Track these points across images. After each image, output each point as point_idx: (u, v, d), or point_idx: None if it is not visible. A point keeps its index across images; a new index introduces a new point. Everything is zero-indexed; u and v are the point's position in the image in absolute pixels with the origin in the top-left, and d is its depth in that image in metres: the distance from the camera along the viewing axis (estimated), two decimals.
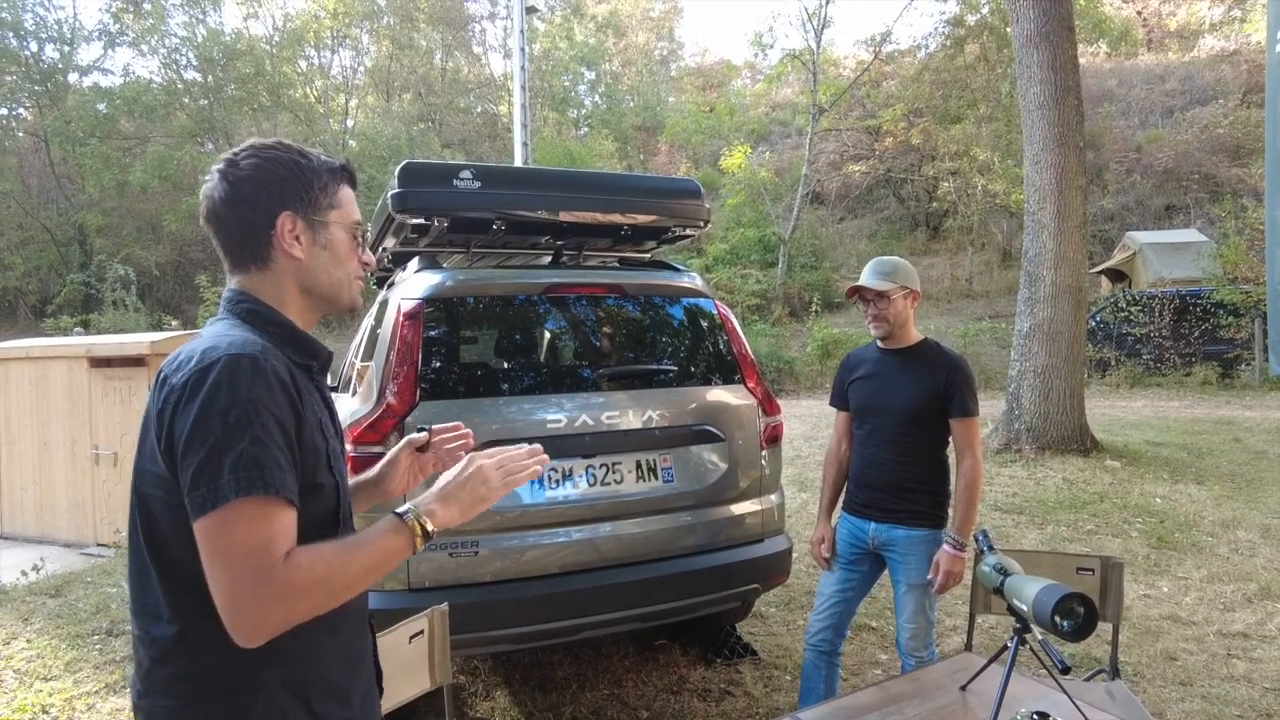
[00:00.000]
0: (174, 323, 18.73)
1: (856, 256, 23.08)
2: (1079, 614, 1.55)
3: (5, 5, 25.40)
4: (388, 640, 2.03)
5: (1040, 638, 1.71)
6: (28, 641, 4.32)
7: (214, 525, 1.06)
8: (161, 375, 1.16)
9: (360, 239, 1.36)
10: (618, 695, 3.42)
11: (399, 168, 3.06)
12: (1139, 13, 30.17)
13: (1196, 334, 14.10)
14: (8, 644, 4.29)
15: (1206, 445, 8.58)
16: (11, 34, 25.78)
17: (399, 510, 1.21)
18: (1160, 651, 3.77)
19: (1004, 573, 1.79)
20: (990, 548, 1.90)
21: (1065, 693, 1.71)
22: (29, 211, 26.56)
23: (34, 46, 26.65)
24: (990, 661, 1.93)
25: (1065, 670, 1.59)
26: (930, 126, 22.45)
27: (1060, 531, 5.74)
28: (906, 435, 2.69)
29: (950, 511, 2.68)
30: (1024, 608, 1.65)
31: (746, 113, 27.47)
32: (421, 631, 2.08)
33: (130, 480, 1.20)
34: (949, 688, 1.99)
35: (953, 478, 2.72)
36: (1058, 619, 1.55)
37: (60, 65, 27.32)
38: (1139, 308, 14.41)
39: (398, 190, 2.99)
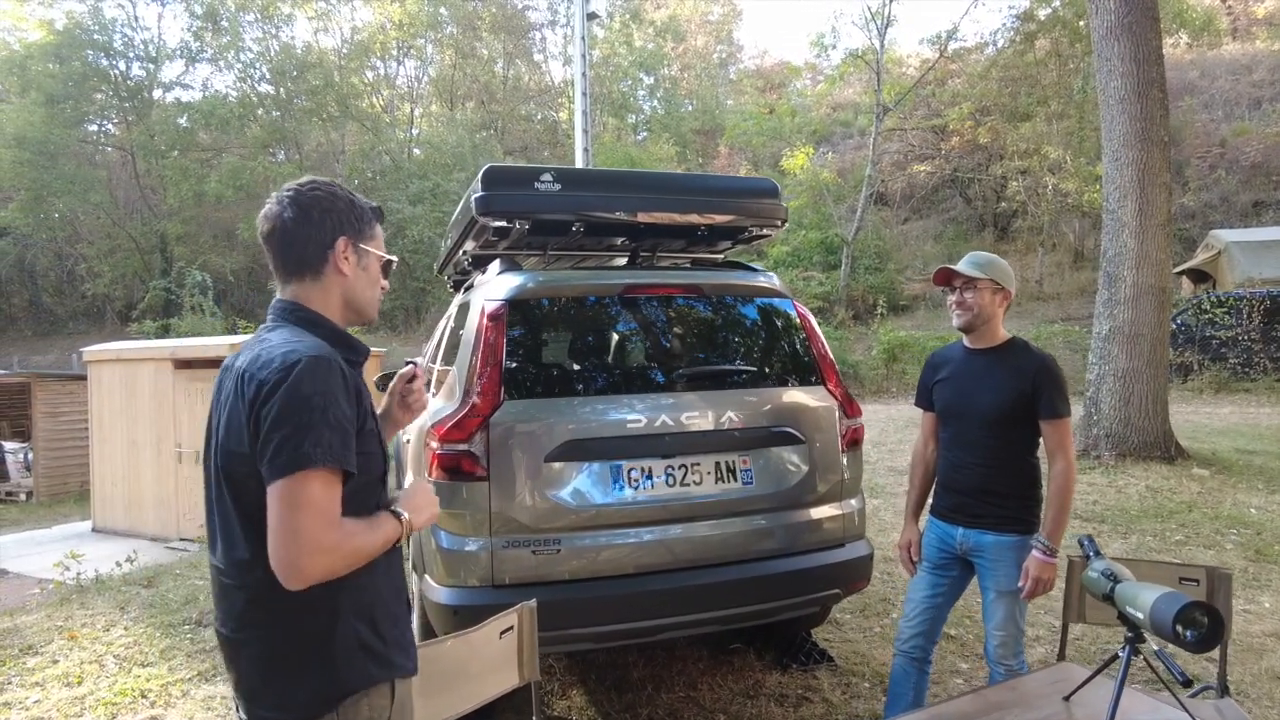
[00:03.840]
0: (249, 327, 19.44)
1: (922, 258, 22.62)
2: (1203, 624, 1.48)
3: (97, 28, 26.82)
4: (478, 636, 2.06)
5: (1156, 648, 1.64)
6: (125, 629, 4.53)
7: (293, 486, 1.29)
8: (244, 373, 1.40)
9: (384, 268, 1.65)
10: (693, 698, 3.40)
11: (482, 172, 3.12)
12: (1223, 0, 28.81)
13: None
14: (108, 630, 4.51)
15: None
16: (103, 54, 27.21)
17: (396, 510, 1.50)
18: (1265, 670, 3.58)
19: (1114, 579, 1.72)
20: (1097, 553, 1.83)
21: (1184, 709, 1.64)
22: (116, 222, 27.97)
23: (122, 66, 28.07)
24: (1098, 671, 1.86)
25: (1187, 683, 1.52)
26: (998, 125, 21.85)
27: (1146, 541, 5.50)
28: (993, 438, 2.60)
29: (1041, 516, 2.60)
30: (1139, 616, 1.58)
31: (808, 114, 27.18)
32: (511, 627, 2.10)
33: (213, 462, 1.44)
34: (1051, 698, 1.92)
35: (1044, 481, 2.63)
36: (1180, 628, 1.48)
37: (146, 82, 28.70)
38: (1225, 309, 13.73)
39: (481, 194, 3.04)
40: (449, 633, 2.64)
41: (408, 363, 1.87)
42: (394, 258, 1.69)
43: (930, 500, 2.81)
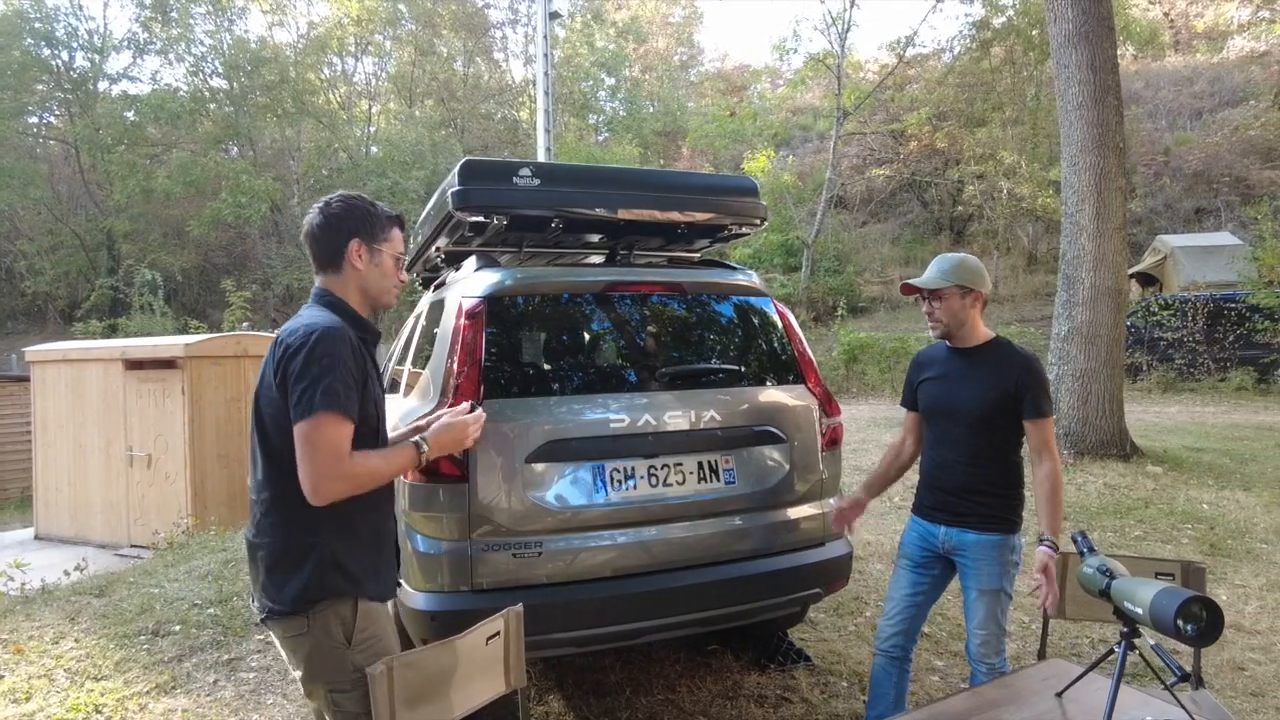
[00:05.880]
0: (200, 326, 18.86)
1: (880, 260, 22.97)
2: (1203, 618, 1.49)
3: (38, 15, 25.83)
4: (464, 642, 2.00)
5: (1152, 643, 1.65)
6: (76, 641, 4.33)
7: (308, 427, 1.74)
8: (280, 340, 1.84)
9: (399, 264, 2.05)
10: (672, 700, 3.36)
11: (459, 165, 3.04)
12: (1166, 14, 29.82)
13: (1231, 338, 13.86)
14: (56, 643, 4.30)
15: (1249, 451, 8.40)
16: (44, 43, 26.20)
17: (415, 440, 2.00)
18: (1227, 661, 3.67)
19: (1110, 575, 1.72)
20: (1090, 549, 1.84)
21: (1179, 703, 1.65)
22: (59, 218, 26.97)
23: (65, 56, 27.07)
24: (1092, 666, 1.86)
25: (1185, 678, 1.52)
26: (955, 130, 22.30)
27: (1107, 538, 5.63)
28: (977, 437, 2.60)
29: (1022, 515, 2.61)
30: (1138, 611, 1.59)
31: (768, 117, 27.41)
32: (498, 633, 2.04)
33: (254, 404, 1.89)
34: (1044, 694, 1.93)
35: (1026, 481, 2.65)
36: (1180, 623, 1.48)
37: (90, 74, 27.71)
38: (1171, 312, 14.18)
39: (458, 188, 2.96)
40: (427, 640, 2.57)
41: (474, 404, 2.41)
42: (404, 255, 2.08)
43: (913, 498, 2.81)
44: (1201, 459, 7.98)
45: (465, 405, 2.34)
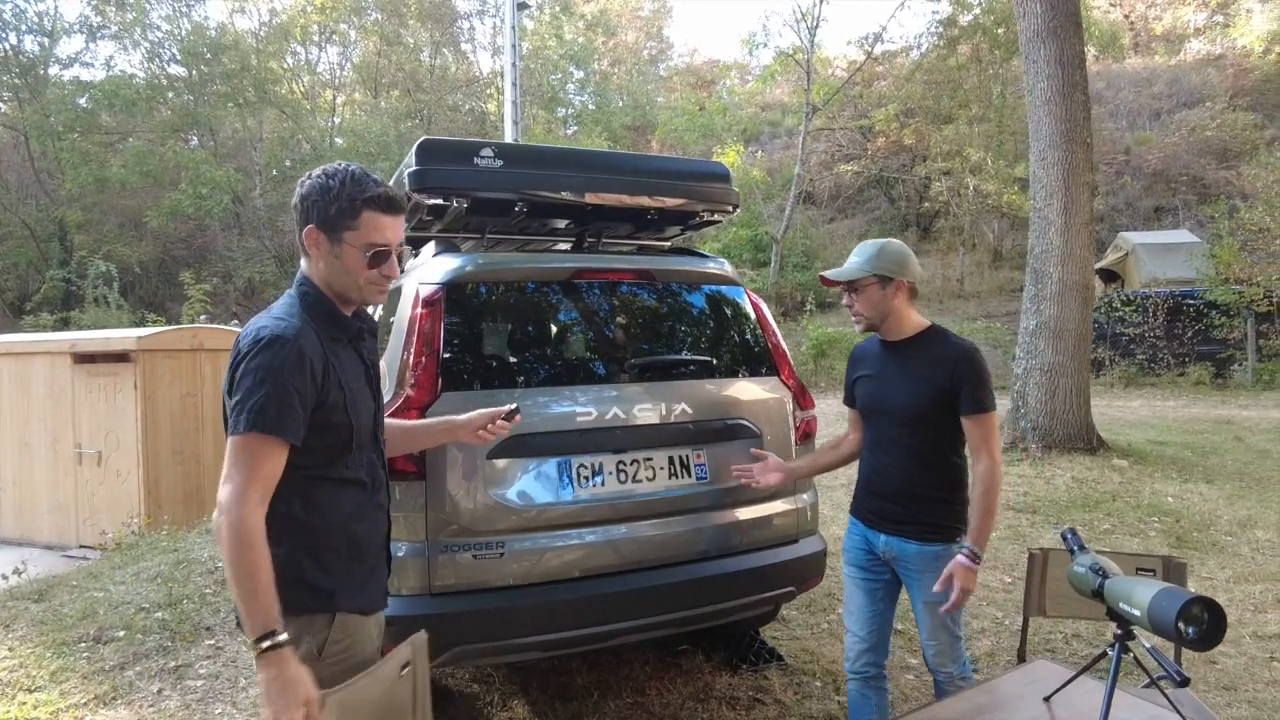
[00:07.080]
0: (158, 320, 18.30)
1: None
2: (1204, 620, 1.40)
3: None
4: (384, 673, 1.73)
5: (1148, 646, 1.57)
6: (9, 650, 4.09)
7: (231, 445, 1.59)
8: (237, 340, 1.68)
9: (370, 255, 1.71)
10: (641, 704, 3.25)
11: (417, 144, 2.88)
12: (1126, 17, 30.39)
13: (1190, 334, 14.12)
14: None
15: (1209, 444, 8.53)
16: None
17: (282, 636, 1.51)
18: (1198, 655, 3.65)
19: (1103, 574, 1.63)
20: (1081, 546, 1.75)
21: (1173, 706, 1.57)
22: (7, 207, 25.98)
23: (13, 39, 26.08)
24: (1083, 670, 1.78)
25: (1184, 682, 1.44)
26: (922, 127, 22.46)
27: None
28: (913, 438, 2.40)
29: (970, 517, 2.36)
30: (1136, 613, 1.50)
31: (738, 112, 27.39)
32: (409, 662, 1.77)
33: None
34: (1031, 698, 1.84)
35: (969, 482, 2.45)
36: (1182, 625, 1.40)
37: (40, 58, 26.73)
38: (1133, 308, 14.40)
39: (416, 168, 2.80)
40: (383, 645, 2.42)
41: (515, 406, 2.14)
42: (380, 245, 1.71)
43: (851, 500, 2.65)
44: (1164, 452, 8.08)
45: (505, 409, 2.12)
